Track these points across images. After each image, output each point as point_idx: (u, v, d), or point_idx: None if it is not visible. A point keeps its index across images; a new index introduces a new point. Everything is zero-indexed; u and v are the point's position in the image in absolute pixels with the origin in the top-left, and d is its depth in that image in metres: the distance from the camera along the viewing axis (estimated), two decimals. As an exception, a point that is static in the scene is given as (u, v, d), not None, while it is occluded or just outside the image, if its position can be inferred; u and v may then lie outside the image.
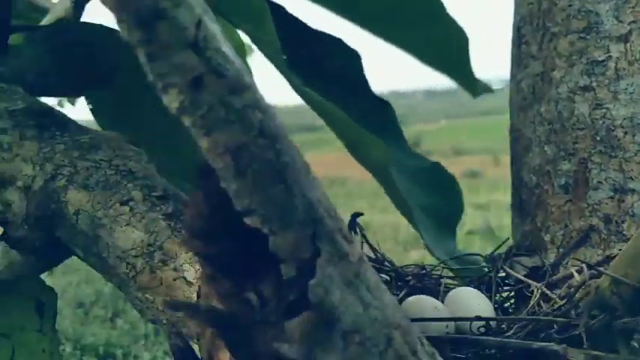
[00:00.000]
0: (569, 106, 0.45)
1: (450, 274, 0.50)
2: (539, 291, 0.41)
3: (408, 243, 4.40)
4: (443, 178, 0.66)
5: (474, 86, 0.67)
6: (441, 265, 0.49)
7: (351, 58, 0.61)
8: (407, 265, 0.49)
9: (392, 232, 4.68)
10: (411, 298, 0.42)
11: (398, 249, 4.44)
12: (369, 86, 0.63)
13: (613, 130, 0.44)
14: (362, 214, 0.52)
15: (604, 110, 0.44)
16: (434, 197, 0.64)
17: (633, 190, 0.43)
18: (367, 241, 0.50)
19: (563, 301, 0.38)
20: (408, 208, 0.58)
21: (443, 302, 0.44)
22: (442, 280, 0.46)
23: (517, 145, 0.49)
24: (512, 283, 0.45)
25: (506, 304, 0.44)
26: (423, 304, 0.41)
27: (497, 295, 0.44)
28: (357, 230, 0.51)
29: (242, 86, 0.20)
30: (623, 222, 0.42)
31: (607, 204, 0.43)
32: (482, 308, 0.41)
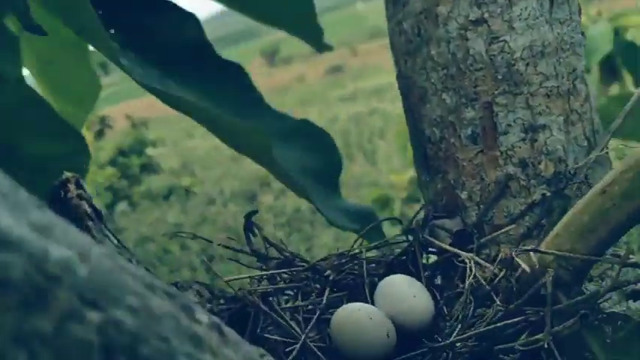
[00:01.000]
0: (463, 45, 0.40)
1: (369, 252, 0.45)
2: (473, 262, 0.37)
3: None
4: (314, 134, 0.61)
5: (319, 43, 0.62)
6: (360, 247, 0.43)
7: (190, 24, 0.51)
8: (323, 259, 0.43)
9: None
10: (340, 314, 0.36)
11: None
12: (213, 51, 0.55)
13: (514, 65, 0.39)
14: (256, 212, 0.45)
15: (501, 44, 0.39)
16: (310, 158, 0.60)
17: (544, 126, 0.39)
18: (271, 243, 0.43)
19: (502, 273, 0.35)
20: (295, 182, 0.53)
21: (373, 299, 0.39)
22: (364, 270, 0.41)
23: (410, 95, 0.43)
24: (438, 252, 0.41)
25: (437, 281, 0.40)
26: (357, 317, 0.35)
27: (425, 271, 0.40)
28: (256, 232, 0.44)
29: None
30: (539, 163, 0.39)
31: (520, 147, 0.39)
32: (420, 301, 0.37)
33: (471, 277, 0.36)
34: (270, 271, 0.42)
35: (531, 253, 0.30)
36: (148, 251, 3.51)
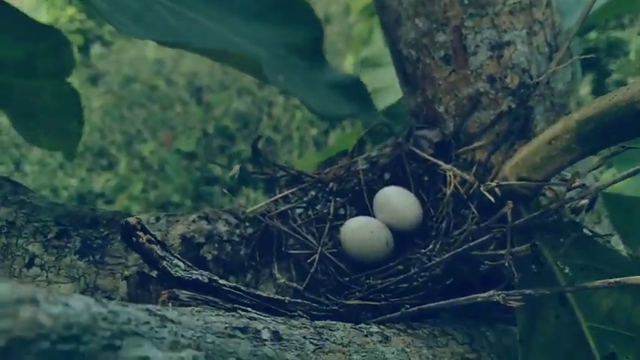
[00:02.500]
0: (429, -28, 0.41)
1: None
2: (452, 173, 0.44)
3: None
4: (291, 5, 0.62)
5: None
6: (358, 157, 0.50)
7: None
8: (325, 171, 0.50)
9: None
10: (347, 229, 0.44)
11: None
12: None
13: (478, -13, 0.41)
14: (261, 137, 0.51)
15: (465, -32, 0.41)
16: (291, 32, 0.62)
17: (509, 42, 0.43)
18: (277, 165, 0.50)
19: (476, 184, 0.42)
20: (282, 86, 0.56)
21: (371, 204, 0.47)
22: (361, 179, 0.48)
23: (385, 16, 0.46)
24: (422, 161, 0.47)
25: (424, 183, 0.47)
26: (361, 233, 0.44)
27: (413, 177, 0.47)
28: (262, 155, 0.50)
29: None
30: (505, 77, 0.44)
31: (488, 65, 0.43)
32: (410, 210, 0.45)
33: (451, 186, 0.44)
34: (283, 193, 0.49)
35: (496, 187, 0.37)
36: (135, 91, 3.53)
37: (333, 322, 0.32)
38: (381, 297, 0.39)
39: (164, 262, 0.29)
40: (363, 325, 0.34)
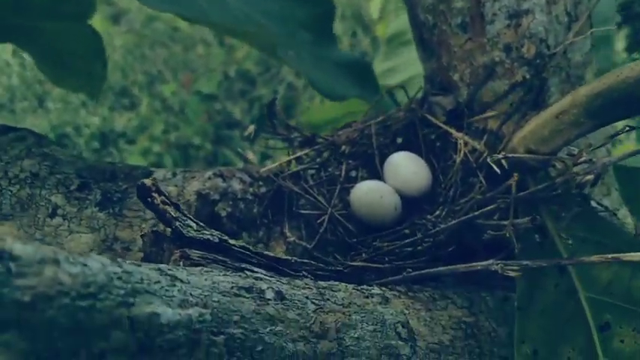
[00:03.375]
0: (450, -64, 0.41)
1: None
2: (463, 141, 0.44)
3: None
4: None
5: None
6: (371, 121, 0.50)
7: None
8: (338, 133, 0.51)
9: None
10: (356, 193, 0.46)
11: None
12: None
13: (499, -46, 0.40)
14: (276, 99, 0.51)
15: None
16: (302, 8, 0.61)
17: (527, 11, 0.42)
18: (291, 126, 0.51)
19: (486, 152, 0.43)
20: (293, 63, 0.56)
21: (382, 169, 0.48)
22: (374, 143, 0.49)
23: (404, -21, 0.45)
24: (434, 128, 0.48)
25: (436, 149, 0.48)
26: (370, 197, 0.45)
27: (425, 143, 0.48)
28: (277, 116, 0.51)
29: None
30: (522, 46, 0.43)
31: (505, 33, 0.43)
32: (420, 176, 0.46)
33: (461, 155, 0.44)
34: (297, 154, 0.50)
35: (503, 159, 0.38)
36: (157, 30, 3.50)
37: (336, 283, 0.33)
38: (385, 260, 0.40)
39: (177, 223, 0.31)
40: (365, 286, 0.36)
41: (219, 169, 0.50)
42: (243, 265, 0.30)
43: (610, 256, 0.32)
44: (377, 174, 0.49)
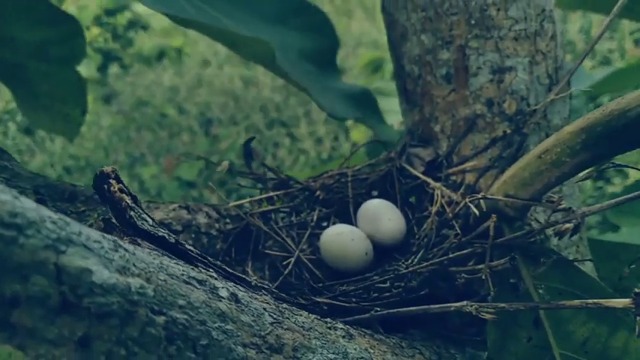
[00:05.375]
0: (440, -11, 0.42)
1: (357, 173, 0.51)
2: (440, 191, 0.43)
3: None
4: (311, 14, 0.63)
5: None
6: (347, 168, 0.49)
7: None
8: (314, 177, 0.49)
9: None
10: (327, 235, 0.43)
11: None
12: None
13: (486, 10, 0.42)
14: (254, 138, 0.50)
15: (474, -11, 0.42)
16: (308, 39, 0.62)
17: (510, 68, 0.43)
18: (267, 167, 0.49)
19: (463, 202, 0.41)
20: (293, 79, 0.56)
21: (355, 216, 0.46)
22: (349, 189, 0.48)
23: (393, 31, 0.47)
24: (413, 178, 0.47)
25: (411, 200, 0.47)
26: (341, 240, 0.43)
27: (401, 193, 0.46)
28: (254, 157, 0.50)
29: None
30: (504, 102, 0.44)
31: (488, 88, 0.44)
32: (394, 224, 0.44)
33: (437, 205, 0.43)
34: (269, 194, 0.48)
35: (481, 200, 0.37)
36: (146, 115, 3.57)
37: (297, 309, 0.30)
38: (352, 300, 0.37)
39: (132, 212, 0.28)
40: (328, 319, 0.32)
41: (187, 203, 0.48)
42: (198, 264, 0.27)
43: (591, 301, 0.30)
44: (350, 222, 0.47)
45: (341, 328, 0.31)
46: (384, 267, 0.42)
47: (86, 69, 3.71)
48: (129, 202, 0.28)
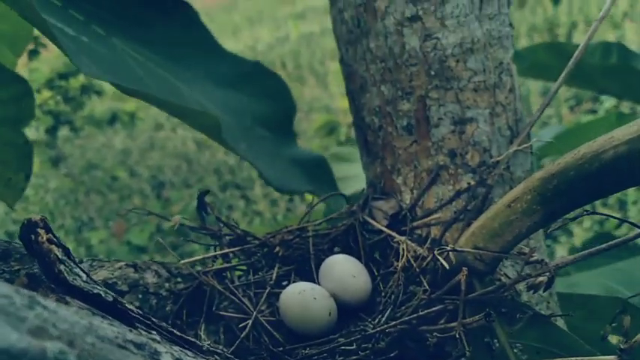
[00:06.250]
0: (399, 40, 0.42)
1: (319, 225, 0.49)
2: (406, 245, 0.41)
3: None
4: (266, 78, 0.62)
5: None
6: (307, 222, 0.47)
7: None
8: (272, 233, 0.47)
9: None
10: (287, 294, 0.40)
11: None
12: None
13: (445, 61, 0.42)
14: (208, 192, 0.48)
15: (434, 41, 0.42)
16: (263, 105, 0.61)
17: (471, 119, 0.43)
18: (223, 221, 0.47)
19: (430, 256, 0.40)
20: (241, 154, 0.54)
21: (317, 273, 0.44)
22: (310, 246, 0.45)
23: (352, 83, 0.46)
24: (376, 232, 0.45)
25: (376, 256, 0.45)
26: (302, 299, 0.40)
27: (365, 249, 0.44)
28: (209, 210, 0.47)
29: None
30: (466, 153, 0.43)
31: (450, 139, 0.43)
32: (358, 281, 0.41)
33: (403, 259, 0.41)
34: (224, 250, 0.45)
35: (450, 252, 0.35)
36: (96, 178, 3.47)
37: (256, 375, 0.27)
38: (315, 364, 0.34)
39: (62, 266, 0.25)
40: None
41: (135, 261, 0.44)
42: (139, 326, 0.24)
43: (574, 359, 0.28)
44: (312, 280, 0.44)
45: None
46: (350, 328, 0.39)
47: (35, 131, 3.62)
48: (59, 254, 0.25)
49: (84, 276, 0.26)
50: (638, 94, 0.85)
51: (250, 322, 0.40)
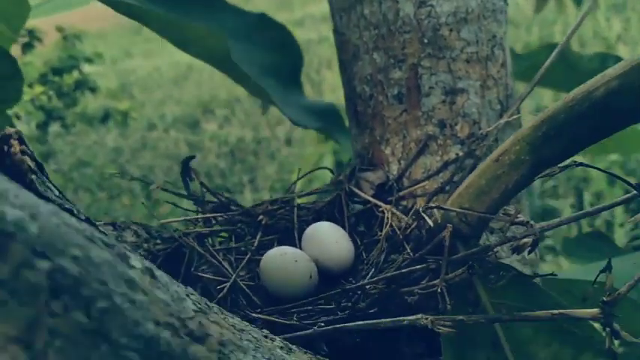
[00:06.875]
0: (393, 7, 0.42)
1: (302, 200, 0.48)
2: (390, 213, 0.41)
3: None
4: (274, 30, 0.60)
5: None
6: (292, 194, 0.46)
7: None
8: (257, 204, 0.46)
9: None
10: (268, 256, 0.40)
11: (226, 83, 4.37)
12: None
13: (439, 30, 0.42)
14: (194, 157, 0.47)
15: (428, 8, 0.41)
16: (270, 55, 0.59)
17: (462, 90, 0.42)
18: (207, 188, 0.46)
19: (414, 224, 0.39)
20: (257, 86, 0.53)
21: (300, 242, 0.43)
22: (294, 216, 0.44)
23: (344, 52, 0.45)
24: (362, 202, 0.44)
25: (360, 228, 0.44)
26: (283, 261, 0.39)
27: (349, 219, 0.44)
28: (193, 176, 0.46)
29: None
30: (456, 124, 0.42)
31: (440, 109, 0.42)
32: (341, 246, 0.41)
33: (387, 226, 0.40)
34: (207, 215, 0.44)
35: (435, 209, 0.34)
36: (85, 175, 3.44)
37: (228, 313, 0.26)
38: (293, 318, 0.33)
39: (33, 176, 0.24)
40: (265, 330, 0.28)
41: (115, 221, 0.43)
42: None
43: (557, 311, 0.27)
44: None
45: (279, 340, 0.27)
46: (330, 291, 0.38)
47: (25, 126, 3.58)
48: (31, 164, 0.24)
49: (56, 191, 0.25)
50: None
51: (229, 284, 0.39)
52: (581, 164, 0.29)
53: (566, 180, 2.35)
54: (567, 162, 0.29)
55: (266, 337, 0.26)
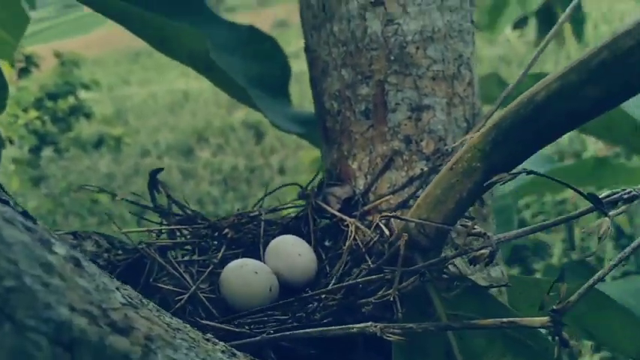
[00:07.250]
0: (362, 25, 0.42)
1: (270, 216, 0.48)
2: (354, 226, 0.41)
3: (230, 105, 4.36)
4: (260, 41, 0.61)
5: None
6: (259, 209, 0.46)
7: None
8: (223, 218, 0.46)
9: (212, 96, 4.58)
10: (229, 268, 0.39)
11: (221, 112, 4.39)
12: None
13: (405, 47, 0.42)
14: (162, 170, 0.47)
15: (395, 26, 0.42)
16: (257, 66, 0.59)
17: (428, 107, 0.43)
18: (174, 200, 0.46)
19: (376, 237, 0.39)
20: (239, 87, 0.53)
21: (264, 255, 0.42)
22: (260, 230, 0.44)
23: (314, 68, 0.46)
24: (328, 217, 0.44)
25: (326, 243, 0.44)
26: (243, 272, 0.39)
27: (315, 233, 0.43)
28: (160, 189, 0.46)
29: None
30: (421, 141, 0.43)
31: (406, 125, 0.43)
32: (304, 259, 0.40)
33: (350, 240, 0.40)
34: (171, 226, 0.44)
35: (393, 219, 0.34)
36: (76, 201, 3.43)
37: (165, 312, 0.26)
38: (244, 327, 0.33)
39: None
40: (208, 334, 0.28)
41: (75, 231, 0.43)
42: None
43: (506, 320, 0.27)
44: (258, 262, 0.42)
45: (222, 345, 0.26)
46: (281, 302, 0.38)
47: (18, 150, 3.58)
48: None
49: (11, 202, 0.25)
50: (619, 134, 0.86)
51: (187, 295, 0.39)
52: (531, 172, 0.29)
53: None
54: (517, 169, 0.29)
55: (208, 340, 0.26)
